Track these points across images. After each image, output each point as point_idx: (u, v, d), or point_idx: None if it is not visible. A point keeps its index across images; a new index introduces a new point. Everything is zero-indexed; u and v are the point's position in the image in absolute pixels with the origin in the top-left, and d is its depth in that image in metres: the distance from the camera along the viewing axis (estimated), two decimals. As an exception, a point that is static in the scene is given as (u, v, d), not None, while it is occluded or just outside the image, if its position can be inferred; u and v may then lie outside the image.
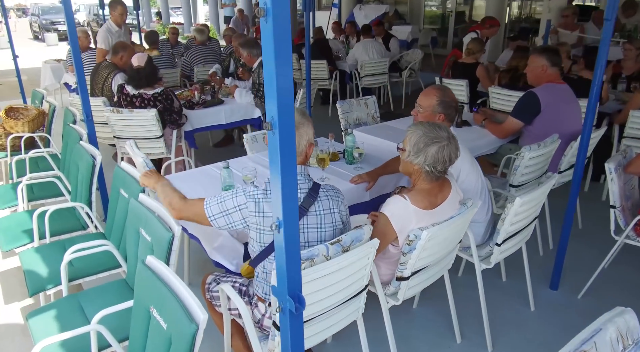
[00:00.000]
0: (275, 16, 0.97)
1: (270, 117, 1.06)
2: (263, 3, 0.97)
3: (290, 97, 1.05)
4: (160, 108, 3.63)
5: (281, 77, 1.01)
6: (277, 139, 1.06)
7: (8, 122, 3.73)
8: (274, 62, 0.99)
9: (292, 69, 0.92)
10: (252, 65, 4.58)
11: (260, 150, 3.08)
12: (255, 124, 4.55)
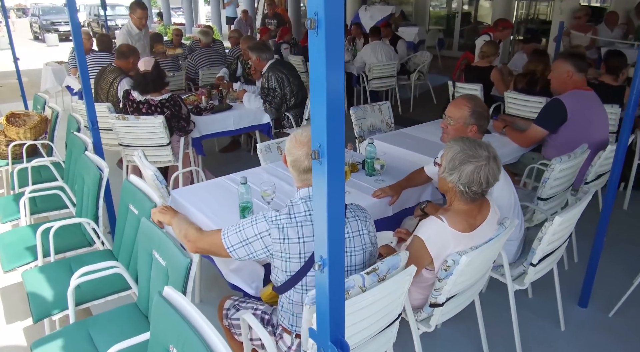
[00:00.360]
0: (329, 30, 0.83)
1: (317, 145, 0.92)
2: (313, 13, 0.83)
3: (341, 123, 0.91)
4: (167, 115, 3.48)
5: (333, 100, 0.87)
6: (324, 170, 0.92)
7: (9, 129, 3.58)
8: (325, 84, 0.85)
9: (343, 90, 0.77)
10: (262, 69, 4.44)
11: (274, 160, 2.94)
12: (264, 129, 4.41)
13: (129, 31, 4.88)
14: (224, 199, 2.38)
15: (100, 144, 2.96)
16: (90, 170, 2.49)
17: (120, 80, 4.02)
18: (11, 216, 2.76)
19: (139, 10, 4.75)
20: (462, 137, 1.71)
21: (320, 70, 0.85)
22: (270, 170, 2.77)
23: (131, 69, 4.16)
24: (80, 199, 2.66)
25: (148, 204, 2.03)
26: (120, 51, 4.19)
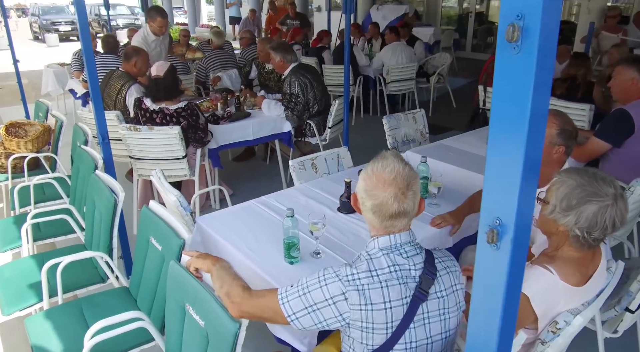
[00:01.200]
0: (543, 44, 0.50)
1: (494, 220, 0.58)
2: (515, 16, 0.50)
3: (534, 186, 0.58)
4: (184, 125, 3.15)
5: (533, 151, 0.54)
6: (504, 260, 0.59)
7: (9, 141, 3.25)
8: (525, 125, 0.53)
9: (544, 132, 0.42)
10: (283, 73, 4.11)
11: (308, 178, 2.61)
12: (285, 138, 4.08)
13: (145, 37, 4.53)
14: (259, 229, 2.05)
15: (111, 160, 2.63)
16: (103, 194, 2.16)
17: (129, 86, 3.69)
18: (12, 243, 2.43)
19: (159, 19, 4.37)
20: (577, 168, 1.37)
21: (520, 103, 0.52)
22: (306, 191, 2.43)
23: (137, 73, 3.83)
24: (90, 224, 2.33)
25: (175, 241, 1.70)
26: (124, 53, 3.85)
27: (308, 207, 2.25)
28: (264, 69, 4.69)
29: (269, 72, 4.63)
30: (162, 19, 4.39)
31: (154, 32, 4.46)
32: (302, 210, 2.23)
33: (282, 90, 4.02)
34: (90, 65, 2.45)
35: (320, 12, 14.72)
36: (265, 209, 2.25)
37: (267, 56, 4.51)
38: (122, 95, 3.70)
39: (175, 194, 2.06)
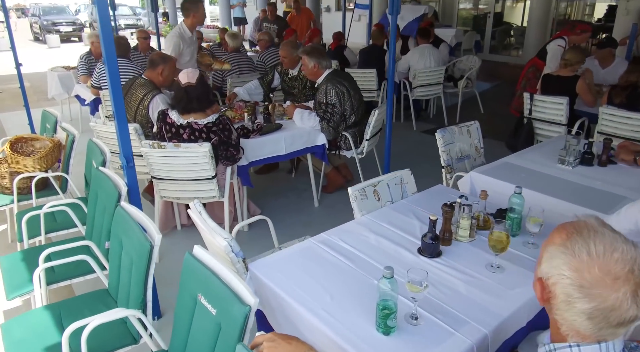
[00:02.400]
0: None
1: None
2: None
3: None
4: (214, 141, 2.76)
5: None
6: None
7: (14, 159, 2.85)
8: None
9: None
10: (316, 80, 3.71)
11: (371, 208, 2.21)
12: (318, 152, 3.69)
13: (182, 34, 4.15)
14: (329, 279, 1.66)
15: (136, 187, 2.24)
16: (133, 235, 1.76)
17: (152, 96, 3.29)
18: (21, 288, 2.04)
19: (201, 5, 4.04)
20: None
21: None
22: (373, 227, 2.04)
23: (162, 83, 3.44)
24: (115, 268, 1.93)
25: (238, 308, 1.31)
26: (150, 60, 3.46)
27: (381, 249, 1.86)
28: (288, 76, 4.29)
29: (293, 79, 4.24)
30: (203, 5, 4.05)
31: (191, 26, 4.09)
32: (374, 252, 1.84)
33: (316, 99, 3.63)
34: (113, 76, 2.05)
35: (330, 12, 14.35)
36: (329, 250, 1.86)
37: (292, 62, 4.13)
38: (144, 106, 3.30)
39: (226, 237, 1.66)
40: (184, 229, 3.50)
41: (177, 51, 4.10)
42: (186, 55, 4.25)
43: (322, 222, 3.74)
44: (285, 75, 4.29)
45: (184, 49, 4.13)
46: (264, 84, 4.39)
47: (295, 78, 4.19)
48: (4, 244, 3.33)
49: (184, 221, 3.46)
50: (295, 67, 4.13)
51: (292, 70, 4.22)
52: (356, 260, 1.79)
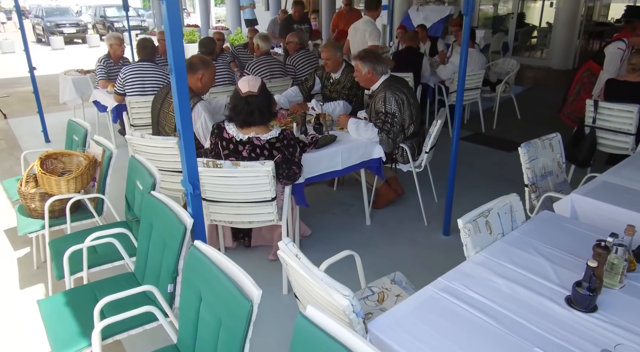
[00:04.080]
0: None
1: None
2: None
3: None
4: (278, 159, 2.41)
5: None
6: None
7: (46, 180, 2.49)
8: None
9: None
10: (371, 87, 3.37)
11: (484, 243, 1.86)
12: (374, 166, 3.33)
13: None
14: (467, 341, 1.31)
15: (202, 221, 1.88)
16: (222, 294, 1.40)
17: (193, 105, 2.94)
18: (73, 345, 1.67)
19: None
20: None
21: None
22: (496, 268, 1.69)
23: (201, 89, 3.09)
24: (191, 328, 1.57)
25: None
26: (190, 63, 3.10)
27: (520, 299, 1.51)
28: (330, 80, 3.94)
29: (335, 83, 3.89)
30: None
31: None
32: (514, 304, 1.50)
33: (374, 108, 3.28)
34: (181, 91, 1.70)
35: (342, 13, 14.00)
36: (457, 301, 1.51)
37: (335, 64, 3.79)
38: (183, 116, 2.94)
39: (347, 295, 1.31)
40: (227, 253, 3.15)
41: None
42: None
43: (379, 243, 3.41)
44: (327, 80, 3.93)
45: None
46: (304, 89, 4.03)
47: (337, 82, 3.84)
48: (28, 272, 2.97)
49: (229, 244, 3.11)
50: (338, 70, 3.78)
51: (334, 74, 3.88)
52: (497, 316, 1.44)
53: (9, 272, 2.97)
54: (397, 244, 3.29)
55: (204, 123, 2.91)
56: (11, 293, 2.76)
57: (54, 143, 5.70)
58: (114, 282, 2.05)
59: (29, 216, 2.64)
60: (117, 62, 5.33)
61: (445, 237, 3.39)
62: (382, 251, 3.19)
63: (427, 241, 3.35)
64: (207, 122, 2.96)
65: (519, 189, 4.16)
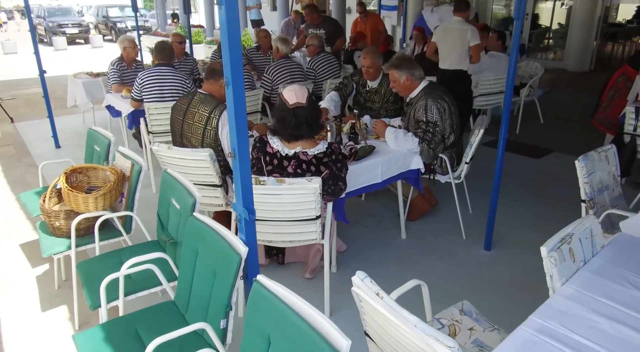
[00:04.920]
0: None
1: None
2: None
3: None
4: (325, 175, 2.23)
5: None
6: None
7: (72, 197, 2.30)
8: None
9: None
10: (409, 95, 3.18)
11: (568, 273, 1.68)
12: (412, 178, 3.15)
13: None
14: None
15: (255, 249, 1.70)
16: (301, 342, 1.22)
17: (220, 112, 2.75)
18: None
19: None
20: None
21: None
22: (591, 304, 1.50)
23: (224, 96, 2.90)
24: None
25: None
26: (211, 69, 2.91)
27: (632, 343, 1.33)
28: (366, 88, 3.75)
29: (372, 92, 3.70)
30: None
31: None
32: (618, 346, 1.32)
33: (413, 117, 3.10)
34: (238, 103, 1.52)
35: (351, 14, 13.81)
36: (563, 347, 1.32)
37: (377, 72, 3.60)
38: (212, 126, 2.76)
39: (452, 346, 1.13)
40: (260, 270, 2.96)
41: None
42: None
43: (417, 259, 3.22)
44: (362, 87, 3.75)
45: None
46: (343, 95, 3.84)
47: (375, 91, 3.66)
48: (48, 292, 2.79)
49: (261, 261, 2.93)
50: (376, 79, 3.60)
51: (371, 82, 3.69)
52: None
53: (29, 292, 2.78)
54: (437, 261, 3.11)
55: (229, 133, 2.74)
56: (32, 316, 2.58)
57: (64, 148, 5.51)
58: (154, 314, 1.86)
59: (52, 234, 2.46)
60: (130, 65, 5.15)
61: (487, 252, 3.21)
62: (423, 269, 3.01)
63: (468, 256, 3.17)
64: (234, 132, 2.78)
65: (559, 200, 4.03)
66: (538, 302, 1.53)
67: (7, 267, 3.05)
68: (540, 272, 1.69)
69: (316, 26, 6.28)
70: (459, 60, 4.72)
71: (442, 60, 4.84)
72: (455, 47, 4.69)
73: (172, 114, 2.95)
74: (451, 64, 4.75)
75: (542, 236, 3.25)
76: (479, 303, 2.06)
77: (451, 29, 4.79)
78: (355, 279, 1.43)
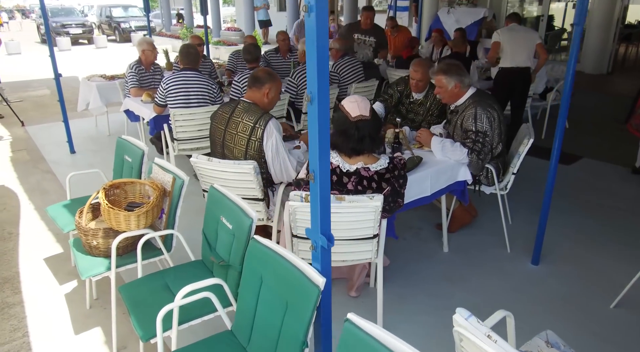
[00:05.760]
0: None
1: None
2: None
3: None
4: (387, 192, 2.08)
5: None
6: None
7: (113, 215, 2.14)
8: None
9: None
10: (454, 102, 3.03)
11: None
12: (457, 191, 3.00)
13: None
14: None
15: (330, 281, 1.54)
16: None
17: (265, 123, 2.60)
18: None
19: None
20: None
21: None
22: None
23: (267, 106, 2.76)
24: None
25: None
26: (255, 77, 2.76)
27: None
28: (409, 99, 3.59)
29: (416, 103, 3.55)
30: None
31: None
32: None
33: (460, 126, 2.95)
34: (323, 120, 1.36)
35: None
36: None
37: (426, 85, 3.45)
38: (257, 137, 2.60)
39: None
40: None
41: None
42: None
43: (465, 275, 3.04)
44: (406, 98, 3.59)
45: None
46: (389, 106, 3.68)
47: (420, 103, 3.51)
48: (80, 312, 2.63)
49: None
50: (423, 91, 3.46)
51: (417, 94, 3.54)
52: None
53: (59, 313, 2.63)
54: (485, 276, 2.96)
55: (274, 144, 2.58)
56: (66, 339, 2.42)
57: (79, 154, 5.35)
58: (212, 347, 1.71)
59: (89, 253, 2.30)
60: (149, 69, 4.99)
61: (535, 267, 3.06)
62: (474, 287, 2.86)
63: (516, 271, 3.02)
64: (277, 143, 2.62)
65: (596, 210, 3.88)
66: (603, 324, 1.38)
67: (34, 285, 2.89)
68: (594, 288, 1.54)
69: (365, 32, 5.88)
70: (528, 57, 4.93)
71: (510, 58, 4.98)
72: (528, 44, 4.93)
73: (213, 123, 2.79)
74: (522, 61, 4.93)
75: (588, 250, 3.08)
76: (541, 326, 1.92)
77: (517, 29, 5.08)
78: (458, 318, 1.28)
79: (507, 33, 5.06)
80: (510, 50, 4.98)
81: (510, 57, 4.97)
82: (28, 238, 3.47)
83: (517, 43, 4.96)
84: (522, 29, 5.10)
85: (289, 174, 2.62)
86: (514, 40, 4.98)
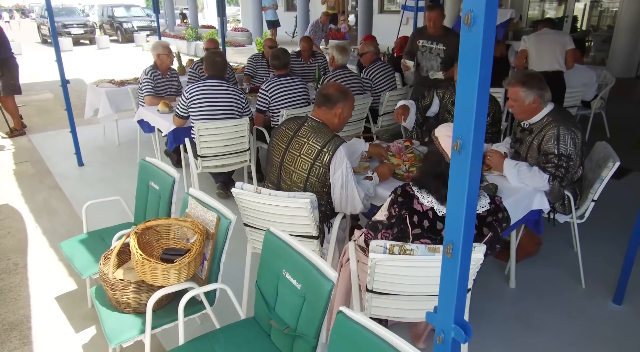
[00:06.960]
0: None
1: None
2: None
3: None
4: (489, 239, 1.68)
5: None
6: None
7: (148, 268, 1.74)
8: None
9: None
10: (528, 119, 2.64)
11: None
12: (530, 221, 2.61)
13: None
14: None
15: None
16: None
17: (335, 148, 2.19)
18: None
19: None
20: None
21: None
22: None
23: (337, 127, 2.36)
24: None
25: None
26: (325, 95, 2.34)
27: None
28: (451, 103, 3.22)
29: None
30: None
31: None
32: None
33: (538, 148, 2.56)
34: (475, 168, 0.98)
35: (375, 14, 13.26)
36: None
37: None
38: (322, 163, 2.19)
39: None
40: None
41: None
42: None
43: (538, 316, 2.63)
44: (452, 105, 3.20)
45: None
46: (421, 108, 3.30)
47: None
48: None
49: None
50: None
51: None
52: None
53: (77, 371, 2.23)
54: (563, 319, 2.57)
55: (344, 174, 2.18)
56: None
57: (88, 166, 4.95)
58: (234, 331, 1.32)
59: (116, 309, 1.90)
60: (165, 74, 4.61)
61: (618, 307, 2.68)
62: (551, 330, 2.47)
63: (597, 312, 2.63)
64: (347, 173, 2.22)
65: None
66: None
67: (49, 333, 2.48)
68: None
69: (432, 38, 4.40)
70: (555, 61, 4.64)
71: (536, 63, 4.72)
72: (555, 47, 4.65)
73: (273, 139, 2.39)
74: (548, 64, 4.64)
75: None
76: None
77: (545, 32, 4.84)
78: None
79: (534, 38, 4.83)
80: (535, 54, 4.76)
81: (536, 62, 4.72)
82: (37, 271, 3.07)
83: (542, 46, 4.73)
84: (551, 32, 4.85)
85: (354, 207, 2.23)
86: (540, 43, 4.75)
